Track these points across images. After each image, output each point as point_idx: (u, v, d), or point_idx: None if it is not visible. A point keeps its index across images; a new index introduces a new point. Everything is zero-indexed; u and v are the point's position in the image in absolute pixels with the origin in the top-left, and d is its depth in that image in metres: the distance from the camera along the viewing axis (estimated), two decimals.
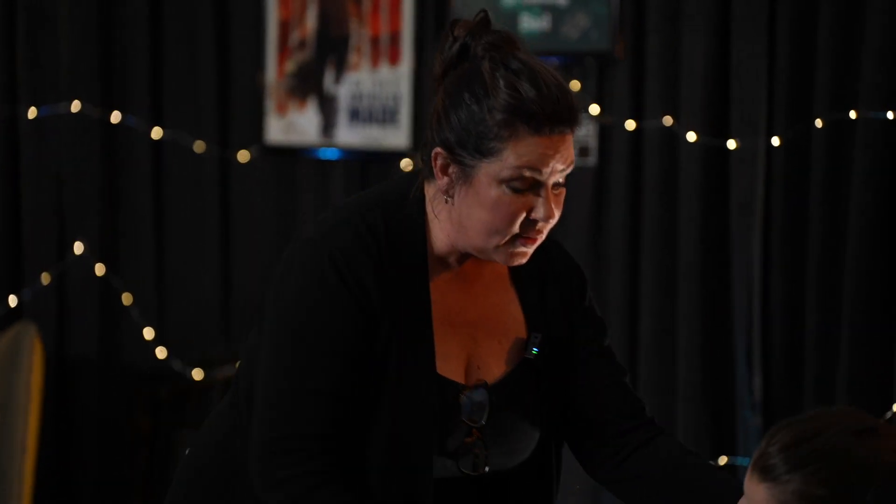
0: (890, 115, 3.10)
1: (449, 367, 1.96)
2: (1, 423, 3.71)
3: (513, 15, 3.73)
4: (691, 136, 3.44)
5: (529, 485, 2.04)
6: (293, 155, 4.14)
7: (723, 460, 3.45)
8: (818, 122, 3.24)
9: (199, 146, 4.18)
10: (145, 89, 4.22)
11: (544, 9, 3.70)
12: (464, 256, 1.97)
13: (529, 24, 3.71)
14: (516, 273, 2.04)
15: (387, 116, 3.96)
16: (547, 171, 1.88)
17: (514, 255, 1.93)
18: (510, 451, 2.01)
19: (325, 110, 4.05)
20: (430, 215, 1.95)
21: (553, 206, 1.90)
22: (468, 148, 1.87)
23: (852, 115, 3.17)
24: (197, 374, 4.13)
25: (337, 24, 4.03)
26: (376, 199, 1.97)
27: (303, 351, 1.89)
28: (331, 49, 4.04)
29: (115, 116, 4.18)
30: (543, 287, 2.03)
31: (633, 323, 3.61)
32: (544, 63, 1.89)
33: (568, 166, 1.90)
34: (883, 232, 3.16)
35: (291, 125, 4.10)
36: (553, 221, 1.91)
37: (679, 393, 3.51)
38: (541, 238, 1.94)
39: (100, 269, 4.18)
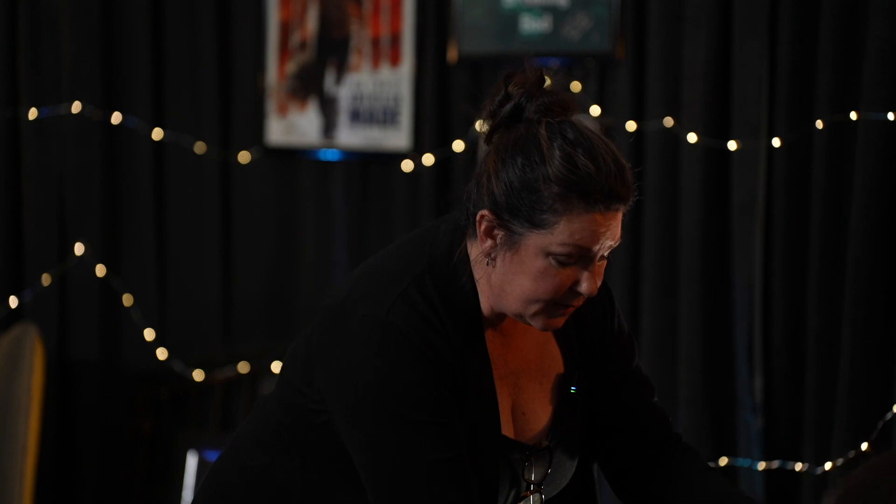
0: (891, 116, 3.09)
1: (503, 420, 1.96)
2: (2, 425, 3.71)
3: (513, 16, 3.73)
4: (692, 138, 3.44)
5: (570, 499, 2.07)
6: (294, 156, 4.14)
7: (723, 461, 3.45)
8: (819, 124, 3.23)
9: (199, 147, 4.18)
10: (146, 91, 4.22)
11: (545, 10, 3.70)
12: (502, 314, 1.96)
13: (530, 25, 3.71)
14: None
15: (387, 118, 3.96)
16: (597, 248, 1.86)
17: (551, 322, 1.92)
18: (556, 486, 2.04)
19: (325, 111, 4.05)
20: (476, 275, 1.92)
21: (597, 279, 1.88)
22: (519, 216, 1.84)
23: (853, 116, 3.16)
24: (198, 375, 4.13)
25: (337, 26, 4.03)
26: (423, 261, 1.92)
27: (409, 429, 1.85)
28: (331, 50, 4.04)
29: (116, 118, 4.18)
30: (578, 318, 2.01)
31: (634, 324, 3.61)
32: (600, 134, 1.87)
33: (616, 242, 1.88)
34: (884, 233, 3.15)
35: (292, 126, 4.10)
36: (594, 294, 1.88)
37: (680, 394, 3.50)
38: (578, 305, 1.91)
39: (101, 271, 4.19)
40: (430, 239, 1.96)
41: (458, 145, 3.83)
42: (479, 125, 1.91)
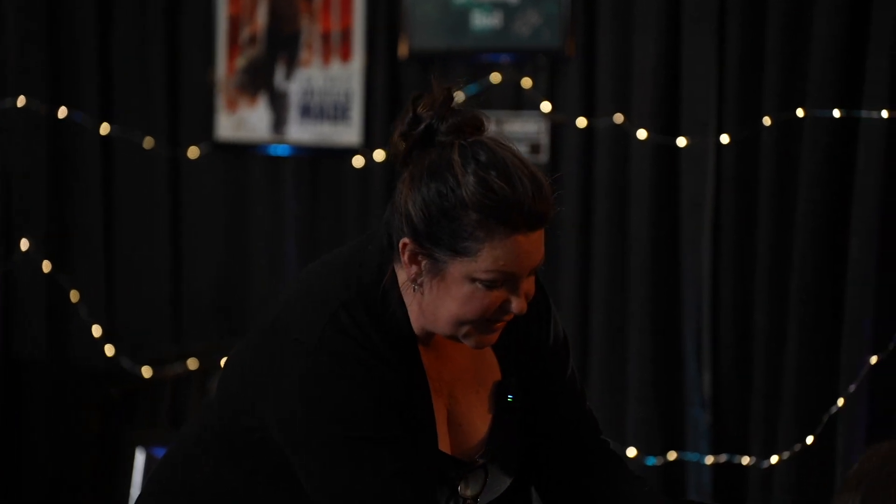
0: (837, 113, 3.13)
1: (440, 433, 1.96)
2: None
3: (464, 12, 3.73)
4: (642, 134, 3.46)
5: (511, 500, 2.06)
6: (244, 151, 4.12)
7: (672, 456, 3.48)
8: (767, 121, 3.26)
9: (148, 142, 4.15)
10: (94, 85, 4.18)
11: (495, 6, 3.71)
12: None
13: (481, 20, 3.72)
14: None
15: (338, 113, 3.95)
16: (521, 271, 1.84)
17: (484, 340, 1.91)
18: (493, 494, 2.03)
19: (275, 107, 4.04)
20: (406, 299, 1.90)
21: (526, 294, 1.87)
22: (440, 245, 1.82)
23: (800, 113, 3.19)
24: (147, 372, 4.10)
25: (288, 21, 4.02)
26: (352, 283, 1.90)
27: (363, 448, 1.84)
28: (281, 45, 4.03)
29: (63, 112, 4.14)
30: (513, 324, 1.97)
31: (584, 320, 3.63)
32: (514, 151, 1.84)
33: (541, 262, 1.86)
34: (830, 230, 3.19)
35: (242, 121, 4.08)
36: (524, 311, 1.87)
37: (629, 390, 3.53)
38: (509, 319, 1.90)
39: (47, 266, 4.14)
40: (358, 259, 1.94)
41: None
42: (392, 147, 1.88)
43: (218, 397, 2.03)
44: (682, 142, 3.42)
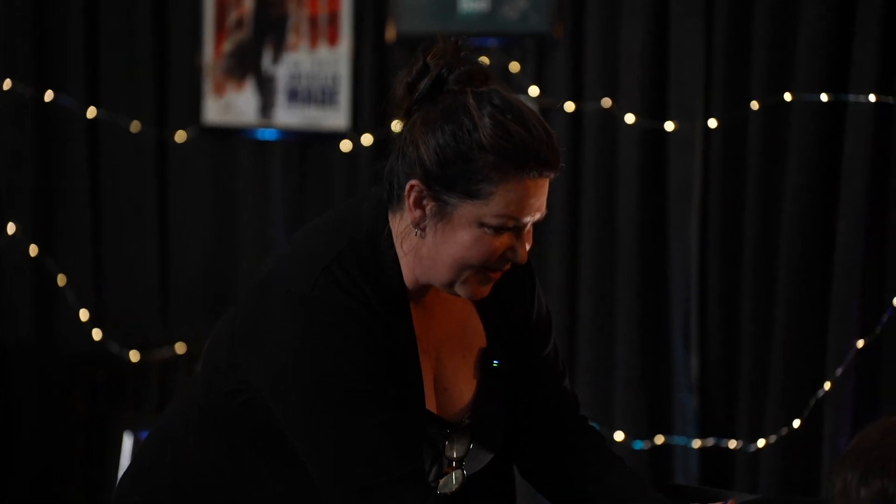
0: (824, 97, 3.13)
1: (427, 395, 1.96)
2: None
3: None
4: (630, 119, 3.46)
5: (493, 478, 2.07)
6: (231, 135, 4.11)
7: (660, 440, 3.49)
8: (754, 105, 3.26)
9: (135, 126, 4.14)
10: (80, 68, 4.17)
11: None
12: (426, 287, 1.95)
13: (469, 5, 3.71)
14: None
15: (326, 97, 3.94)
16: (529, 217, 1.86)
17: (479, 290, 1.92)
18: (479, 462, 2.03)
19: (263, 91, 4.03)
20: (399, 251, 1.91)
21: (527, 243, 1.89)
22: (453, 187, 1.83)
23: (788, 97, 3.20)
24: (134, 355, 4.10)
25: (275, 4, 4.00)
26: (346, 239, 1.91)
27: (344, 399, 1.85)
28: (269, 29, 4.02)
29: (49, 95, 4.13)
30: (498, 291, 1.99)
31: (571, 304, 3.63)
32: (524, 102, 1.87)
33: (543, 212, 1.88)
34: (817, 214, 3.20)
35: (229, 105, 4.07)
36: (524, 261, 1.90)
37: (617, 374, 3.53)
38: (507, 269, 1.92)
39: (34, 250, 4.13)
40: (352, 217, 1.96)
41: (397, 125, 3.83)
42: (394, 100, 1.89)
43: (202, 370, 2.04)
44: (669, 126, 3.42)
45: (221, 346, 1.99)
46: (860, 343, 3.09)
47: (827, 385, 3.14)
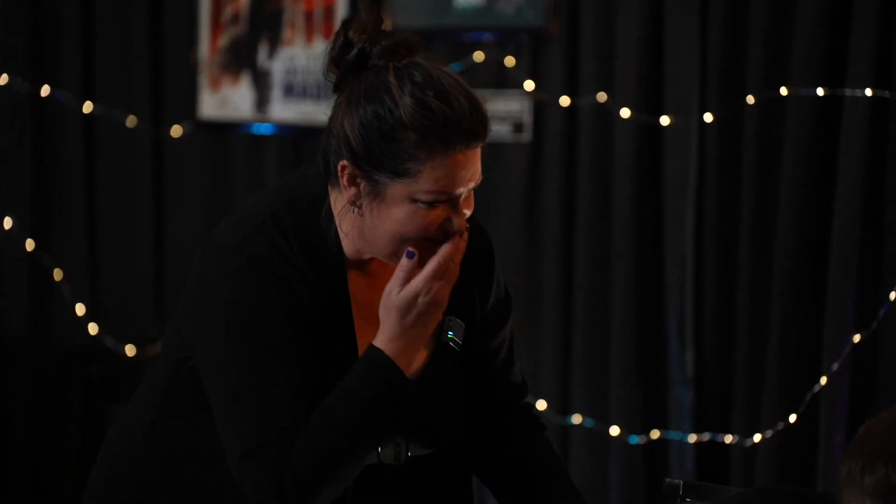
0: (820, 91, 3.13)
1: None
2: None
3: None
4: (625, 113, 3.46)
5: (448, 468, 2.04)
6: (227, 130, 4.11)
7: (655, 434, 3.48)
8: (750, 99, 3.26)
9: (131, 121, 4.14)
10: (76, 63, 4.17)
11: None
12: (371, 257, 1.95)
13: None
14: None
15: (321, 92, 3.94)
16: (462, 188, 1.86)
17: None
18: (431, 440, 2.01)
19: (258, 85, 4.02)
20: (339, 223, 1.91)
21: (465, 212, 1.88)
22: (380, 167, 1.83)
23: (784, 92, 3.19)
24: (129, 350, 4.10)
25: (270, 0, 4.00)
26: (284, 202, 1.92)
27: (253, 354, 1.85)
28: (264, 24, 4.01)
29: (45, 90, 4.12)
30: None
31: (567, 300, 3.63)
32: (446, 69, 1.86)
33: (478, 180, 1.88)
34: (813, 209, 3.19)
35: (225, 100, 4.07)
36: (465, 229, 1.89)
37: (612, 369, 3.53)
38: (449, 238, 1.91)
39: (30, 245, 4.13)
40: (298, 181, 1.97)
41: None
42: (324, 73, 1.88)
43: (161, 347, 2.05)
44: (665, 121, 3.42)
45: (175, 316, 2.01)
46: (856, 338, 3.09)
47: (823, 380, 3.14)
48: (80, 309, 4.12)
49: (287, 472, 1.82)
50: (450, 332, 1.99)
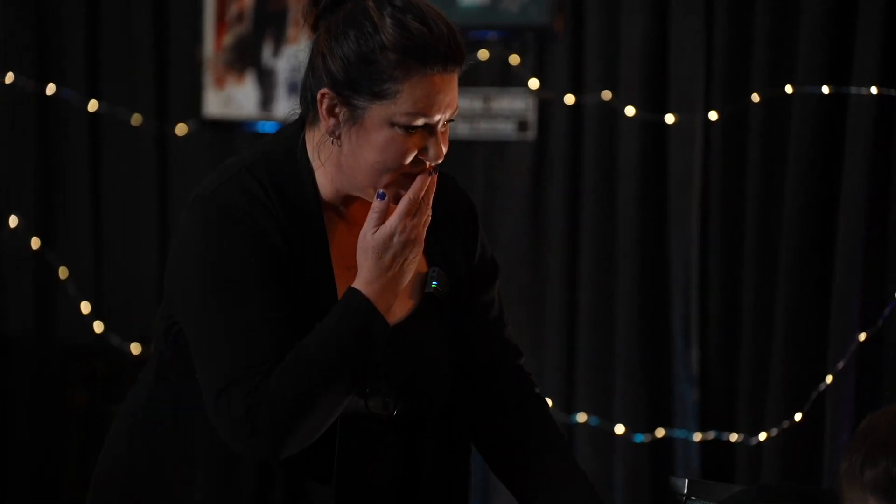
0: (825, 89, 3.12)
1: None
2: None
3: None
4: (630, 111, 3.45)
5: (446, 434, 2.03)
6: (231, 128, 4.11)
7: (660, 433, 3.48)
8: (755, 97, 3.26)
9: (136, 119, 4.14)
10: (81, 61, 4.17)
11: None
12: (351, 199, 1.97)
13: None
14: None
15: None
16: (439, 114, 1.88)
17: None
18: (420, 392, 2.00)
19: (263, 84, 4.02)
20: (315, 163, 1.94)
21: (441, 147, 1.91)
22: (360, 90, 1.86)
23: (788, 90, 3.19)
24: (135, 348, 4.10)
25: None
26: (260, 154, 1.96)
27: (228, 293, 1.87)
28: (269, 22, 4.01)
29: (51, 89, 4.13)
30: (436, 221, 2.00)
31: (571, 297, 3.62)
32: (425, 0, 1.90)
33: (454, 110, 1.91)
34: (818, 207, 3.19)
35: (230, 99, 4.07)
36: (441, 160, 1.92)
37: (617, 367, 3.53)
38: (427, 171, 1.94)
39: (35, 243, 4.14)
40: (271, 138, 2.01)
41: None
42: (303, 17, 1.93)
43: (153, 331, 2.07)
44: (670, 118, 3.42)
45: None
46: (862, 336, 3.08)
47: (828, 378, 3.13)
48: (85, 307, 4.13)
49: (261, 409, 1.83)
50: (434, 283, 2.00)
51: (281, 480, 1.93)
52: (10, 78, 4.08)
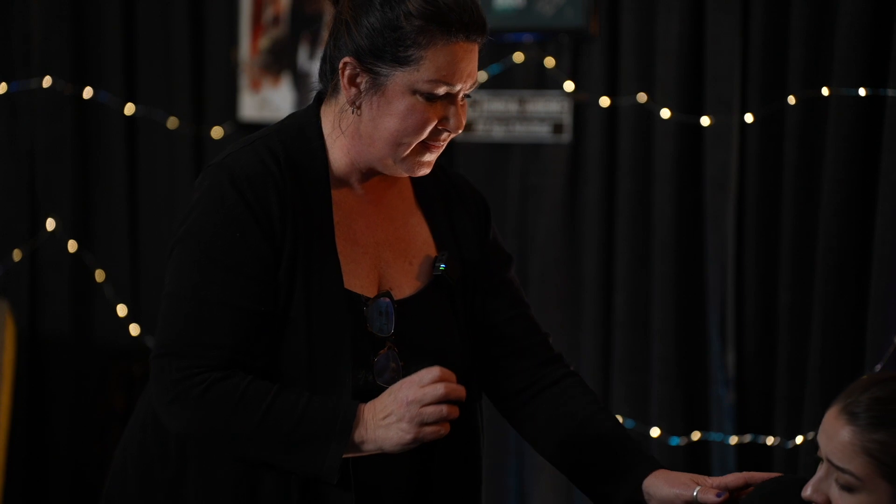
0: (862, 91, 3.11)
1: (359, 283, 1.99)
2: None
3: None
4: (665, 113, 3.45)
5: (457, 419, 2.04)
6: None
7: (696, 436, 3.47)
8: (791, 99, 3.24)
9: (172, 122, 4.16)
10: (118, 65, 4.20)
11: None
12: (365, 176, 1.99)
13: (504, 0, 3.70)
14: (422, 195, 2.09)
15: None
16: (460, 83, 1.92)
17: (419, 165, 1.97)
18: (430, 357, 2.01)
19: (298, 87, 4.04)
20: (330, 137, 1.97)
21: (461, 118, 1.95)
22: (384, 56, 1.90)
23: (825, 91, 3.17)
24: None
25: (311, 1, 4.01)
26: (277, 128, 2.01)
27: (205, 266, 1.91)
28: (305, 25, 4.03)
29: (88, 92, 4.16)
30: (449, 209, 2.07)
31: (607, 299, 3.62)
32: None
33: (475, 82, 1.95)
34: (855, 209, 3.17)
35: (265, 101, 4.09)
36: (460, 131, 1.96)
37: (653, 369, 3.52)
38: (443, 146, 1.98)
39: (72, 246, 4.17)
40: (289, 118, 2.06)
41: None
42: None
43: None
44: (705, 121, 3.41)
45: None
46: None
47: None
48: (121, 310, 4.15)
49: (187, 397, 1.88)
50: (442, 265, 2.03)
51: (297, 486, 1.94)
52: (47, 81, 4.11)
